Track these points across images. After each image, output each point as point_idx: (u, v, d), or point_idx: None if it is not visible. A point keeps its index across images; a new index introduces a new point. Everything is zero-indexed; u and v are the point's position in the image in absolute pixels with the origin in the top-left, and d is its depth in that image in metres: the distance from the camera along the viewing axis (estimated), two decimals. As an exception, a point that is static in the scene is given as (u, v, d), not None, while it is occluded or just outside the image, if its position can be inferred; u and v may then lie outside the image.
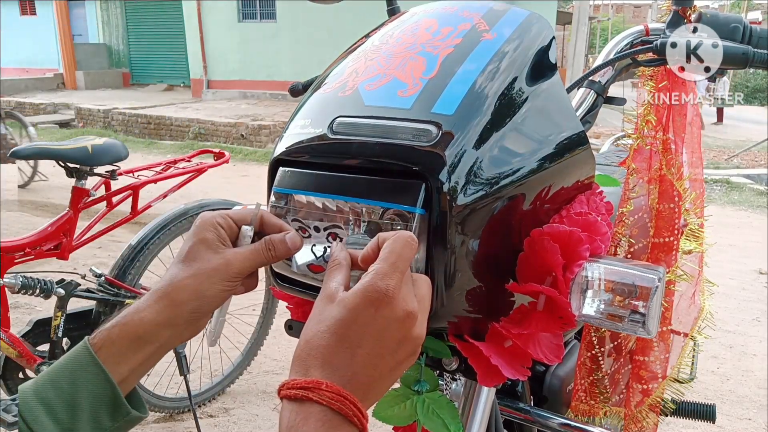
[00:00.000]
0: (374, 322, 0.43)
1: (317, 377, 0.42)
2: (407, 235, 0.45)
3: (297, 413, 0.41)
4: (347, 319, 0.43)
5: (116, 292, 1.78)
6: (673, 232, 0.82)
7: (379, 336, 0.43)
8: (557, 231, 0.56)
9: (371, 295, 0.42)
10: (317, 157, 0.55)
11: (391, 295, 0.43)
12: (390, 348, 0.43)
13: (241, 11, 12.80)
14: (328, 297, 0.45)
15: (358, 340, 0.42)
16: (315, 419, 0.40)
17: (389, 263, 0.44)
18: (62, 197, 5.04)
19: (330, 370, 0.42)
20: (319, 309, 0.45)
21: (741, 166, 8.01)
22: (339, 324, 0.43)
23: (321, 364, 0.42)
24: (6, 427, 1.51)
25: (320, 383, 0.41)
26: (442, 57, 0.56)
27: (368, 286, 0.43)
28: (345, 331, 0.42)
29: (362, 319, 0.42)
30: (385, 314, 0.43)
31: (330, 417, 0.40)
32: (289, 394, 0.41)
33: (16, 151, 1.75)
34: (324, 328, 0.43)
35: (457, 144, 0.50)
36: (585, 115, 0.79)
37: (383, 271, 0.43)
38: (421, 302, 0.46)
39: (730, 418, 2.18)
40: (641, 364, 0.86)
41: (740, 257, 4.01)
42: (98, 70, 16.51)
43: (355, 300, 0.43)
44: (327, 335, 0.43)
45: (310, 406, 0.41)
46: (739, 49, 0.69)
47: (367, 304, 0.42)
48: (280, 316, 2.38)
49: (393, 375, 0.45)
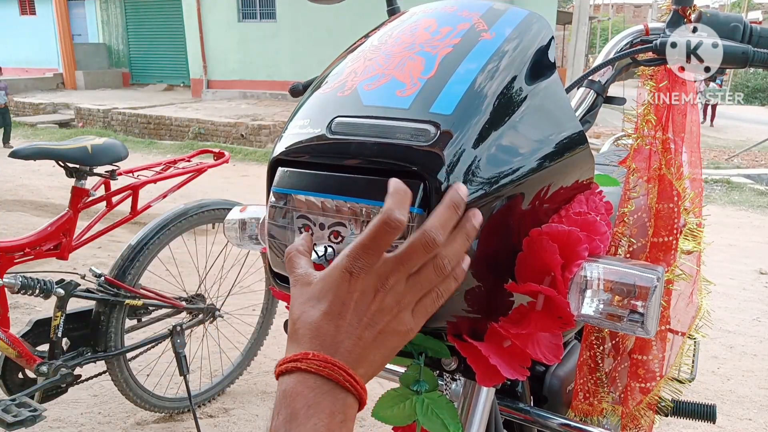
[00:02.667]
0: (349, 295, 0.45)
1: (305, 349, 0.44)
2: (384, 221, 0.45)
3: (288, 384, 0.43)
4: (325, 293, 0.46)
5: (116, 292, 1.78)
6: (672, 231, 0.82)
7: (356, 306, 0.45)
8: (556, 231, 0.56)
9: (343, 271, 0.46)
10: (316, 157, 0.55)
11: (358, 271, 0.45)
12: (369, 317, 0.46)
13: (241, 11, 12.81)
14: (303, 282, 0.48)
15: (338, 311, 0.45)
16: (304, 386, 0.42)
17: (361, 244, 0.46)
18: (62, 197, 5.04)
19: (317, 341, 0.45)
20: (297, 293, 0.48)
21: (741, 166, 8.01)
22: (319, 299, 0.46)
23: (309, 338, 0.45)
24: (6, 427, 1.51)
25: (307, 354, 0.44)
26: (441, 57, 0.56)
27: (341, 261, 0.46)
28: (326, 304, 0.45)
29: (339, 291, 0.45)
30: (358, 287, 0.45)
31: (320, 383, 0.43)
32: (281, 369, 0.44)
33: (16, 151, 1.74)
34: (308, 307, 0.46)
35: (456, 143, 0.50)
36: (585, 115, 0.78)
37: (354, 250, 0.46)
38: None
39: (730, 418, 2.18)
40: (639, 363, 0.86)
41: (740, 257, 4.01)
42: (98, 70, 16.52)
43: (332, 274, 0.46)
44: (311, 312, 0.46)
45: (299, 375, 0.43)
46: (739, 49, 0.69)
47: (341, 278, 0.46)
48: (280, 316, 2.38)
49: (380, 345, 0.46)
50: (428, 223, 0.46)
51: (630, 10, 28.46)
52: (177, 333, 1.92)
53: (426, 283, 0.47)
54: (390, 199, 0.45)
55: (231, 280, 2.22)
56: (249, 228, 0.78)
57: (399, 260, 0.46)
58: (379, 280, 0.46)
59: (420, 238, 0.46)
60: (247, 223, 0.78)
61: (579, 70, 9.52)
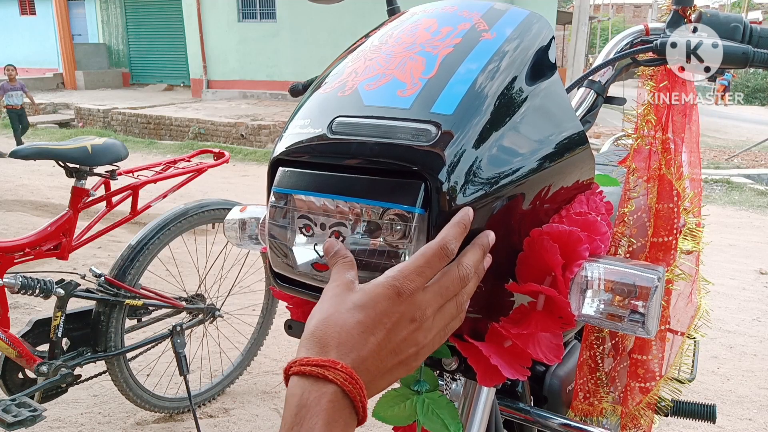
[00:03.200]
0: (389, 314, 0.44)
1: (333, 357, 0.42)
2: (442, 247, 0.46)
3: (310, 391, 0.41)
4: (367, 304, 0.44)
5: (116, 292, 1.78)
6: (672, 231, 0.82)
7: (391, 328, 0.44)
8: (557, 231, 0.56)
9: (392, 289, 0.45)
10: (317, 157, 0.55)
11: (408, 293, 0.45)
12: (396, 344, 0.45)
13: (241, 11, 12.80)
14: (346, 285, 0.47)
15: (373, 327, 0.44)
16: (327, 399, 0.40)
17: (415, 266, 0.45)
18: (62, 197, 5.05)
19: (345, 350, 0.43)
20: (336, 292, 0.46)
21: (741, 166, 8.01)
22: (358, 308, 0.44)
23: (337, 343, 0.43)
24: (6, 427, 1.51)
25: (336, 363, 0.42)
26: (442, 57, 0.56)
27: (392, 279, 0.45)
28: (363, 316, 0.44)
29: (380, 307, 0.44)
30: (400, 310, 0.45)
31: (340, 398, 0.41)
32: (303, 370, 0.42)
33: (16, 151, 1.74)
34: (344, 309, 0.44)
35: (457, 144, 0.50)
36: (585, 115, 0.78)
37: (408, 270, 0.45)
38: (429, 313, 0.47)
39: (730, 418, 2.18)
40: (639, 362, 0.86)
41: (740, 257, 4.01)
42: (98, 70, 16.51)
43: (377, 289, 0.45)
44: (346, 315, 0.44)
45: (324, 385, 0.41)
46: (739, 49, 0.69)
47: (387, 295, 0.44)
48: (280, 316, 2.38)
49: (393, 373, 0.46)
50: (463, 259, 0.48)
51: (630, 10, 28.46)
52: (177, 333, 1.92)
53: (447, 319, 0.48)
54: (450, 229, 0.47)
55: (231, 280, 2.22)
56: (249, 228, 0.78)
57: (438, 291, 0.47)
58: (419, 309, 0.45)
59: (459, 272, 0.47)
60: (247, 223, 0.78)
61: (579, 70, 9.52)
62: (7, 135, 9.35)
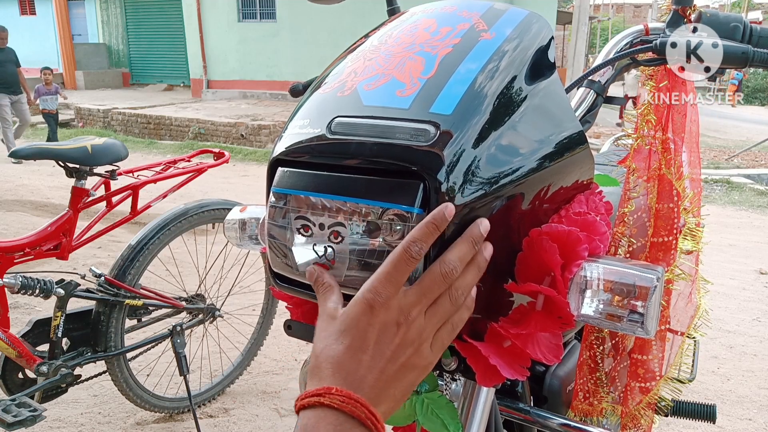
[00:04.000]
0: (370, 328, 0.45)
1: (328, 384, 0.44)
2: (405, 250, 0.46)
3: (309, 418, 0.42)
4: (349, 327, 0.45)
5: (116, 292, 1.78)
6: (672, 231, 0.82)
7: (377, 340, 0.45)
8: (556, 231, 0.56)
9: (364, 304, 0.45)
10: (316, 157, 0.55)
11: (381, 303, 0.45)
12: (391, 351, 0.46)
13: (241, 11, 12.80)
14: (330, 315, 0.48)
15: (360, 345, 0.45)
16: (326, 423, 0.42)
17: (383, 273, 0.46)
18: (62, 197, 5.05)
19: (340, 377, 0.44)
20: (322, 326, 0.48)
21: (741, 166, 8.01)
22: (342, 333, 0.45)
23: (331, 373, 0.44)
24: (6, 427, 1.51)
25: (330, 388, 0.43)
26: (441, 57, 0.56)
27: (360, 296, 0.46)
28: (349, 339, 0.45)
29: (361, 325, 0.45)
30: (380, 320, 0.45)
31: (342, 420, 0.42)
32: (303, 403, 0.43)
33: (15, 151, 1.75)
34: (331, 341, 0.46)
35: (456, 143, 0.50)
36: (584, 115, 0.78)
37: (377, 281, 0.46)
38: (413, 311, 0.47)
39: (730, 418, 2.18)
40: (639, 362, 0.86)
41: (740, 257, 4.01)
42: (98, 70, 16.51)
43: (353, 309, 0.46)
44: (334, 346, 0.45)
45: (322, 410, 0.42)
46: (739, 49, 0.69)
47: (362, 311, 0.45)
48: (280, 316, 2.38)
49: (401, 379, 0.46)
50: (448, 255, 0.48)
51: (630, 10, 28.45)
52: (177, 333, 1.92)
53: (443, 315, 0.48)
54: (416, 230, 0.46)
55: (231, 280, 2.22)
56: (249, 228, 0.78)
57: (419, 291, 0.47)
58: (401, 313, 0.46)
59: (440, 269, 0.47)
60: (247, 223, 0.78)
61: (579, 70, 9.52)
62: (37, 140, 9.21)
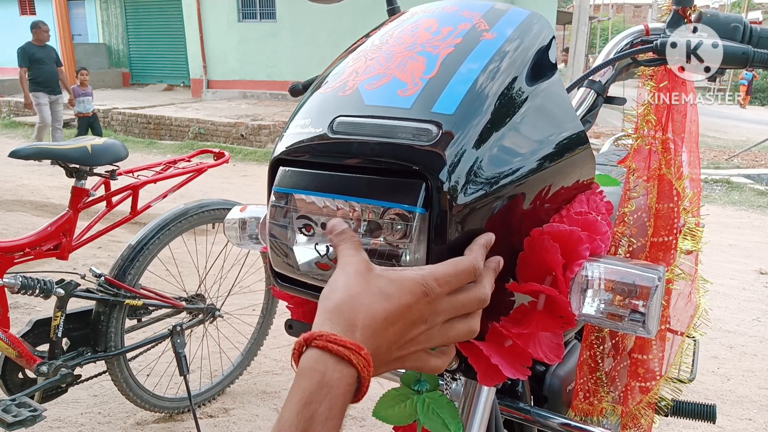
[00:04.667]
0: (411, 311, 0.45)
1: (358, 339, 0.42)
2: (475, 266, 0.48)
3: (333, 371, 0.41)
4: (396, 295, 0.45)
5: (116, 292, 1.78)
6: (672, 231, 0.82)
7: (408, 324, 0.45)
8: (557, 230, 0.56)
9: (420, 287, 0.45)
10: (317, 156, 0.55)
11: (433, 296, 0.46)
12: (406, 340, 0.46)
13: (241, 11, 12.80)
14: (367, 265, 0.46)
15: (395, 319, 0.44)
16: (347, 383, 0.41)
17: (445, 273, 0.47)
18: (62, 197, 5.04)
19: (368, 335, 0.43)
20: (358, 270, 0.46)
21: (741, 166, 8.01)
22: (388, 297, 0.44)
23: (363, 326, 0.43)
24: (6, 427, 1.51)
25: (361, 348, 0.42)
26: (443, 56, 0.56)
27: (420, 278, 0.46)
28: (389, 305, 0.44)
29: (406, 300, 0.45)
30: (420, 309, 0.45)
31: (353, 381, 0.41)
32: (330, 347, 0.41)
33: (15, 151, 1.74)
34: (371, 293, 0.44)
35: (458, 143, 0.50)
36: (585, 115, 0.78)
37: (439, 274, 0.46)
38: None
39: (730, 418, 2.18)
40: (639, 362, 0.86)
41: (740, 257, 4.01)
42: (98, 70, 16.48)
43: (408, 283, 0.45)
44: (374, 300, 0.44)
45: (347, 367, 0.41)
46: (739, 49, 0.69)
47: (415, 291, 0.45)
48: (280, 316, 2.38)
49: (391, 366, 0.47)
50: (485, 283, 0.50)
51: (630, 10, 28.46)
52: (177, 333, 1.92)
53: (452, 335, 0.49)
54: (479, 251, 0.49)
55: (231, 280, 2.22)
56: (249, 228, 0.78)
57: (454, 305, 0.48)
58: (433, 314, 0.46)
59: (480, 294, 0.49)
60: (247, 222, 0.78)
61: (579, 70, 9.51)
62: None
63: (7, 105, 12.21)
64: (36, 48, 7.20)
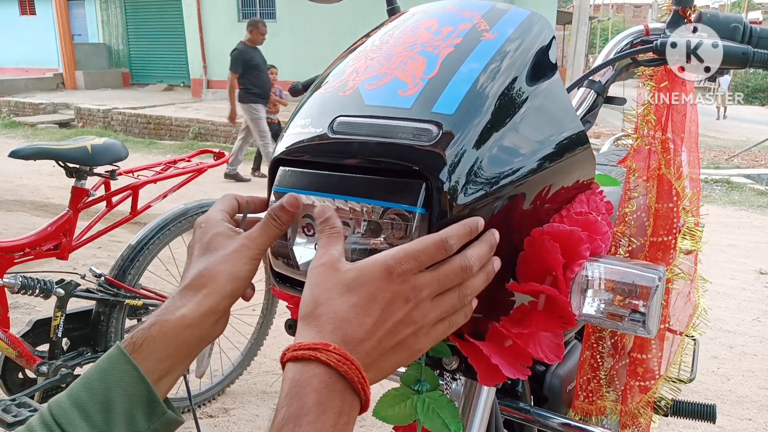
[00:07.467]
0: (381, 293, 0.44)
1: (327, 340, 0.42)
2: (442, 239, 0.46)
3: (302, 372, 0.41)
4: (360, 285, 0.44)
5: (116, 292, 1.78)
6: (671, 231, 0.82)
7: (384, 308, 0.44)
8: (557, 230, 0.56)
9: (383, 267, 0.44)
10: (317, 156, 0.55)
11: (399, 273, 0.44)
12: (393, 324, 0.45)
13: (241, 11, 12.81)
14: (332, 264, 0.46)
15: (367, 308, 0.43)
16: (319, 380, 0.40)
17: (411, 249, 0.45)
18: (62, 197, 5.04)
19: (339, 334, 0.43)
20: (324, 273, 0.46)
21: (741, 166, 8.02)
22: (351, 290, 0.44)
23: (332, 329, 0.43)
24: (6, 427, 1.51)
25: (327, 345, 0.41)
26: (443, 56, 0.56)
27: (381, 259, 0.45)
28: (357, 298, 0.44)
29: (372, 287, 0.44)
30: (392, 288, 0.44)
31: (334, 380, 0.41)
32: (295, 355, 0.42)
33: (15, 151, 1.74)
34: (335, 294, 0.44)
35: (458, 143, 0.50)
36: (585, 115, 0.79)
37: (402, 252, 0.45)
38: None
39: (730, 418, 2.18)
40: (638, 361, 0.86)
41: (740, 257, 4.01)
42: (98, 70, 16.50)
43: (369, 268, 0.45)
44: (339, 300, 0.44)
45: (316, 366, 0.41)
46: (739, 49, 0.69)
47: (379, 274, 0.44)
48: (280, 316, 2.38)
49: (392, 356, 0.46)
50: (468, 251, 0.48)
51: (630, 10, 28.48)
52: (177, 333, 1.92)
53: (447, 308, 0.48)
54: (455, 227, 0.47)
55: (231, 280, 2.22)
56: (250, 228, 0.78)
57: (435, 276, 0.46)
58: (413, 290, 0.45)
59: (460, 261, 0.47)
60: (247, 222, 0.78)
61: (579, 70, 9.52)
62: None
63: (7, 105, 12.22)
64: (253, 52, 6.12)
